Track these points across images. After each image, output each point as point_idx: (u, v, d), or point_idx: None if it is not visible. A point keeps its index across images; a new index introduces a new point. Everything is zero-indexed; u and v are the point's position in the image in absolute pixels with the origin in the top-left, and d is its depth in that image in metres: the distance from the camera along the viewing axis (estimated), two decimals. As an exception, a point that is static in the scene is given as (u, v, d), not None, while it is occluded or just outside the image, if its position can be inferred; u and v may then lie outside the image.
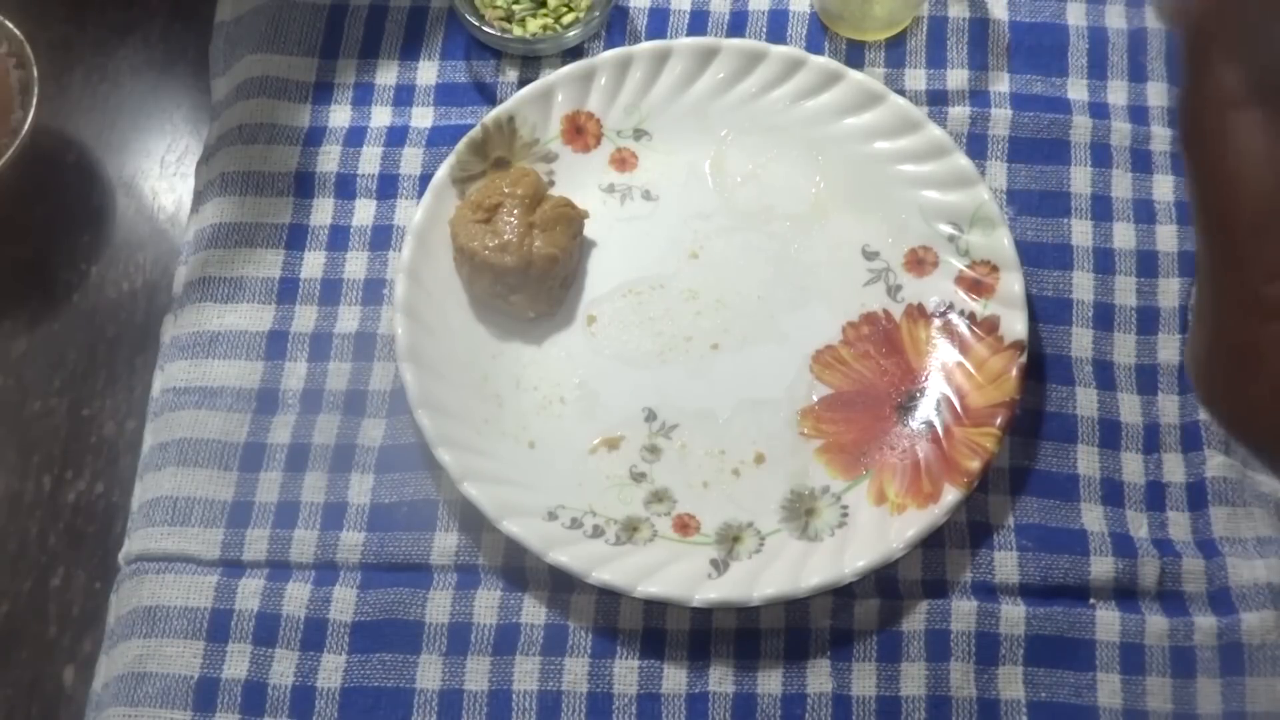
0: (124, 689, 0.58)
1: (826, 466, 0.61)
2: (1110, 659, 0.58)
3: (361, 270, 0.67)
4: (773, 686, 0.58)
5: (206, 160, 0.70)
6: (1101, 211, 0.67)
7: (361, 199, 0.68)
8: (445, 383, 0.62)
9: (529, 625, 0.59)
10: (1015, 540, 0.60)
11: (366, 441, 0.63)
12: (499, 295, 0.63)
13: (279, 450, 0.63)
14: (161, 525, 0.61)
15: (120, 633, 0.60)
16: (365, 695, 0.58)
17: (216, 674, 0.58)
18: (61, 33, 0.76)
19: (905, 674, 0.58)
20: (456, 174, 0.66)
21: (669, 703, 0.58)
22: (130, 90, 0.75)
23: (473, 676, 0.58)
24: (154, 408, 0.65)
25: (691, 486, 0.61)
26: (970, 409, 0.61)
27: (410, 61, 0.72)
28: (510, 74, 0.71)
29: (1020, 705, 0.57)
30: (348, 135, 0.70)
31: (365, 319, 0.66)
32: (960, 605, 0.59)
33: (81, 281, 0.70)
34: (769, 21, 0.72)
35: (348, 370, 0.64)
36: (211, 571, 0.61)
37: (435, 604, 0.59)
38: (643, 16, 0.72)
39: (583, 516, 0.60)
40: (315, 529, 0.61)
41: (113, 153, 0.73)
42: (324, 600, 0.60)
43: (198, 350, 0.65)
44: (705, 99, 0.68)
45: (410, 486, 0.62)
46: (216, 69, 0.73)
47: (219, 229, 0.68)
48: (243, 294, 0.66)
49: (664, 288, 0.65)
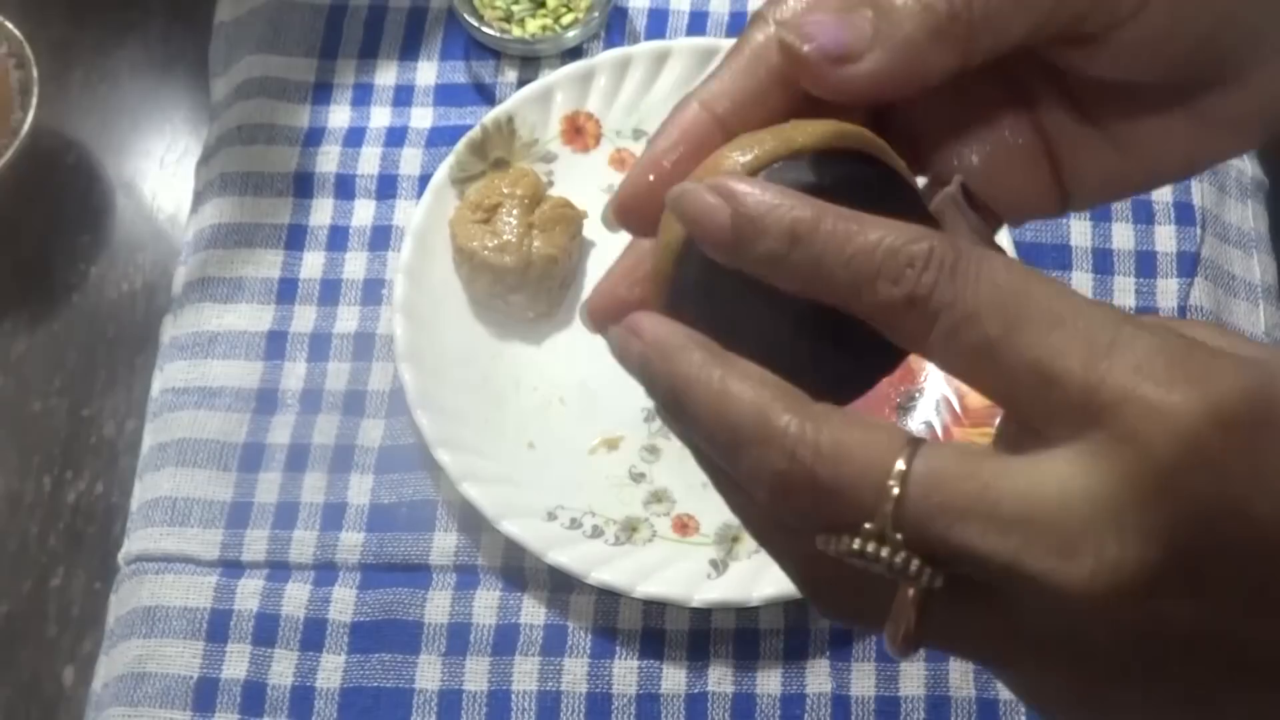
0: (124, 689, 0.58)
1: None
2: (1109, 659, 0.58)
3: (361, 270, 0.67)
4: (772, 687, 0.58)
5: (206, 161, 0.70)
6: (1100, 212, 0.67)
7: (361, 199, 0.68)
8: (444, 383, 0.62)
9: (528, 625, 0.59)
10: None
11: (366, 442, 0.63)
12: (498, 295, 0.63)
13: (278, 450, 0.63)
14: (161, 525, 0.61)
15: (120, 633, 0.60)
16: (364, 695, 0.58)
17: (216, 674, 0.58)
18: (61, 33, 0.76)
19: (904, 674, 0.58)
20: (456, 174, 0.66)
21: (668, 703, 0.58)
22: (130, 90, 0.75)
23: (472, 677, 0.58)
24: (153, 408, 0.65)
25: (691, 487, 0.61)
26: (969, 409, 0.61)
27: (409, 62, 0.72)
28: (510, 74, 0.71)
29: (1020, 705, 0.57)
30: (347, 135, 0.70)
31: (364, 319, 0.66)
32: (959, 605, 0.59)
33: (81, 282, 0.70)
34: (768, 22, 0.71)
35: (347, 370, 0.65)
36: (211, 572, 0.61)
37: (434, 604, 0.59)
38: (642, 17, 0.72)
39: (582, 517, 0.60)
40: (315, 529, 0.61)
41: (112, 153, 0.73)
42: (323, 600, 0.60)
43: (197, 350, 0.65)
44: (704, 99, 0.68)
45: (409, 487, 0.62)
46: (216, 69, 0.73)
47: (218, 229, 0.68)
48: (242, 294, 0.66)
49: (663, 288, 0.65)
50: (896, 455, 0.25)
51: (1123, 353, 0.25)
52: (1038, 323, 0.25)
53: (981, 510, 0.25)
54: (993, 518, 0.25)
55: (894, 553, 0.25)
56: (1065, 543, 0.24)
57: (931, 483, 0.25)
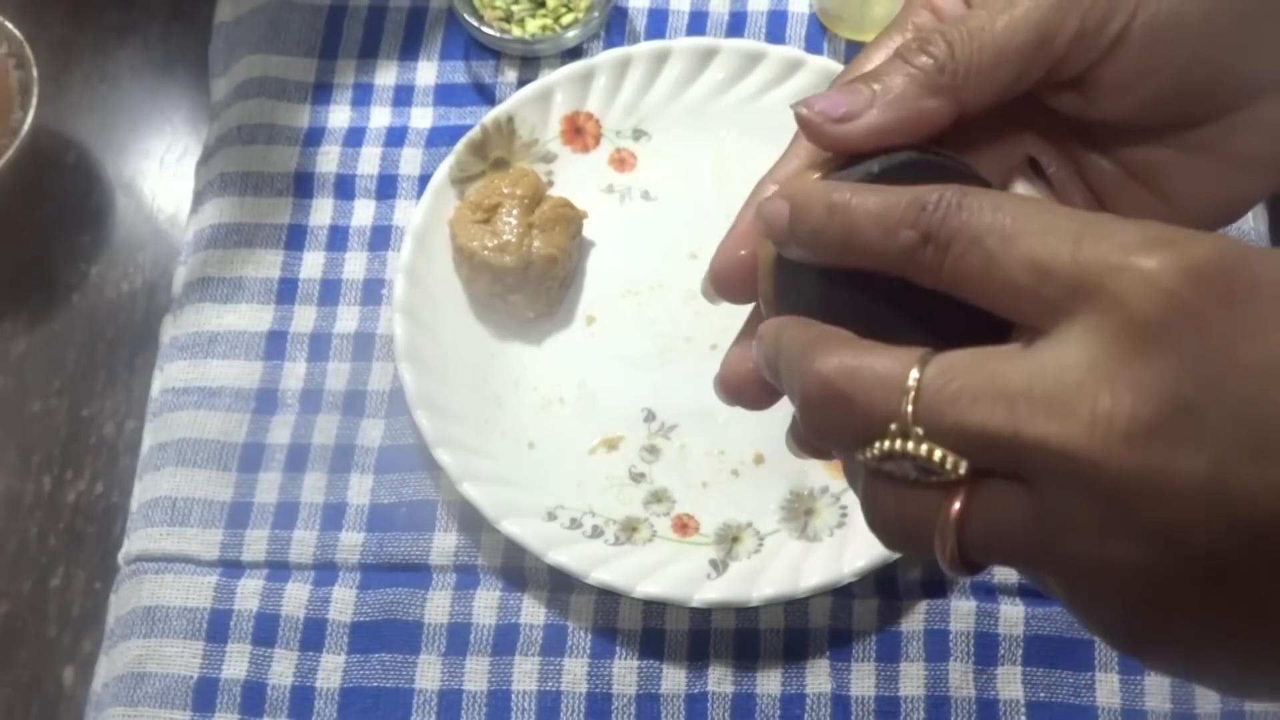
0: (124, 689, 0.58)
1: (825, 467, 0.61)
2: (1109, 658, 0.58)
3: (361, 270, 0.67)
4: (772, 687, 0.58)
5: (206, 161, 0.70)
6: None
7: (361, 199, 0.68)
8: (444, 383, 0.62)
9: (528, 625, 0.59)
10: (1014, 540, 0.60)
11: (366, 442, 0.63)
12: (498, 295, 0.63)
13: (278, 450, 0.63)
14: (161, 525, 0.62)
15: (120, 633, 0.60)
16: (364, 695, 0.58)
17: (216, 674, 0.59)
18: (61, 33, 0.76)
19: (904, 674, 0.58)
20: (456, 174, 0.66)
21: (668, 703, 0.58)
22: (130, 91, 0.75)
23: (472, 677, 0.58)
24: (153, 408, 0.65)
25: (690, 487, 0.61)
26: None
27: (409, 62, 0.72)
28: (509, 74, 0.71)
29: (1019, 705, 0.57)
30: (347, 135, 0.70)
31: (364, 319, 0.66)
32: (959, 605, 0.59)
33: (81, 281, 0.70)
34: (768, 22, 0.72)
35: (347, 370, 0.65)
36: (211, 572, 0.61)
37: (434, 604, 0.59)
38: (642, 17, 0.72)
39: (582, 517, 0.60)
40: (314, 529, 0.61)
41: (112, 153, 0.73)
42: (323, 600, 0.60)
43: (197, 350, 0.65)
44: (704, 99, 0.68)
45: (409, 487, 0.62)
46: (216, 69, 0.73)
47: (218, 229, 0.68)
48: (242, 294, 0.66)
49: (663, 288, 0.66)
50: (912, 364, 0.29)
51: (1106, 237, 0.27)
52: (1032, 232, 0.28)
53: (989, 392, 0.27)
54: (999, 396, 0.27)
55: (918, 445, 0.28)
56: (1063, 406, 0.27)
57: (944, 378, 0.28)
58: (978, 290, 0.29)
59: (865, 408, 0.29)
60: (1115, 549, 0.27)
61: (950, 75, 0.33)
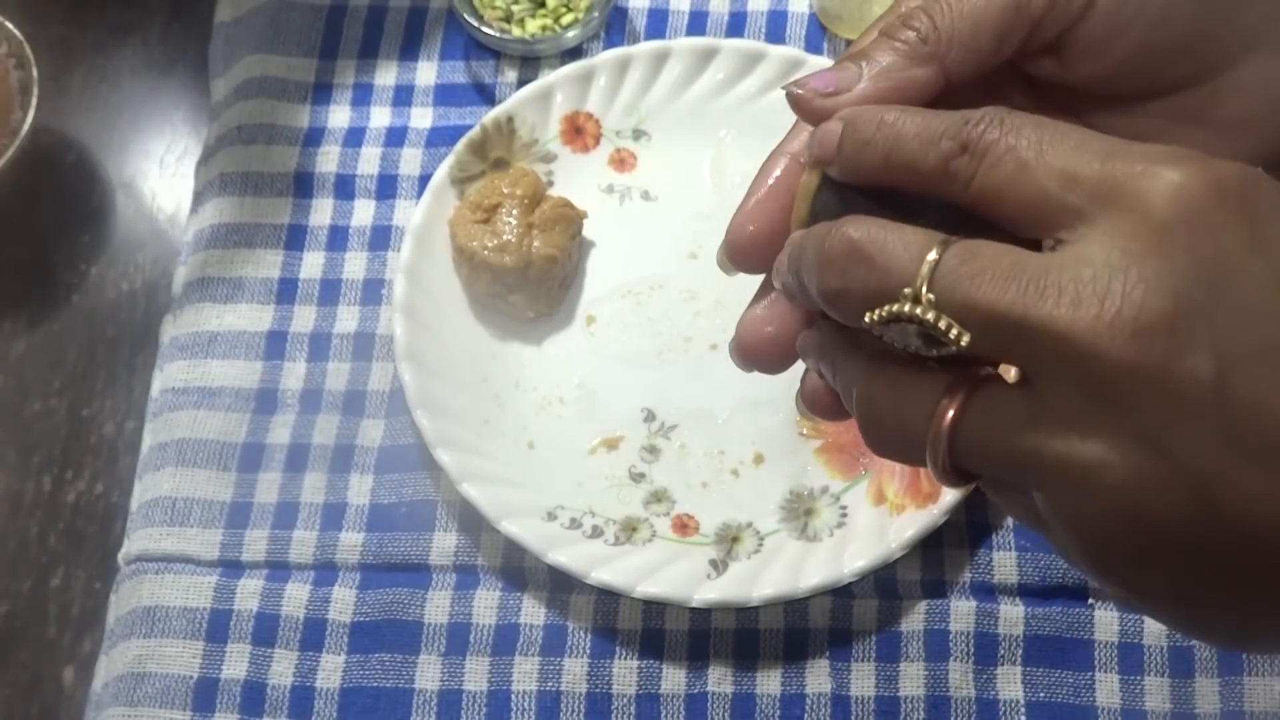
0: (124, 689, 0.58)
1: (825, 467, 0.61)
2: (1109, 659, 0.58)
3: (360, 270, 0.67)
4: (772, 687, 0.58)
5: (205, 161, 0.70)
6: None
7: (360, 199, 0.68)
8: (444, 383, 0.62)
9: (528, 625, 0.59)
10: (1014, 540, 0.60)
11: (365, 442, 0.63)
12: (498, 295, 0.63)
13: (278, 450, 0.63)
14: (161, 525, 0.62)
15: (120, 633, 0.60)
16: (364, 695, 0.58)
17: (216, 674, 0.59)
18: (61, 33, 0.76)
19: (904, 674, 0.58)
20: (455, 174, 0.66)
21: (668, 703, 0.58)
22: (130, 91, 0.75)
23: (472, 677, 0.58)
24: (153, 408, 0.65)
25: (690, 487, 0.61)
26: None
27: (409, 62, 0.72)
28: (509, 74, 0.71)
29: (1019, 705, 0.57)
30: (347, 136, 0.70)
31: (364, 319, 0.66)
32: (959, 605, 0.59)
33: (81, 281, 0.70)
34: (768, 22, 0.72)
35: (347, 370, 0.65)
36: (211, 572, 0.61)
37: (434, 604, 0.59)
38: (642, 17, 0.72)
39: (582, 517, 0.60)
40: (314, 529, 0.61)
41: (112, 153, 0.73)
42: (323, 600, 0.60)
43: (197, 350, 0.65)
44: (704, 99, 0.68)
45: (409, 487, 0.62)
46: (216, 69, 0.73)
47: (218, 229, 0.68)
48: (242, 294, 0.66)
49: (663, 288, 0.66)
50: (936, 240, 0.30)
51: (1135, 150, 0.29)
52: (1066, 146, 0.29)
53: (1004, 274, 0.28)
54: (1011, 278, 0.28)
55: (926, 310, 0.29)
56: (1073, 293, 0.27)
57: (966, 254, 0.29)
58: (1006, 201, 0.30)
59: (883, 269, 0.30)
60: (1105, 451, 0.27)
61: (934, 44, 0.34)
